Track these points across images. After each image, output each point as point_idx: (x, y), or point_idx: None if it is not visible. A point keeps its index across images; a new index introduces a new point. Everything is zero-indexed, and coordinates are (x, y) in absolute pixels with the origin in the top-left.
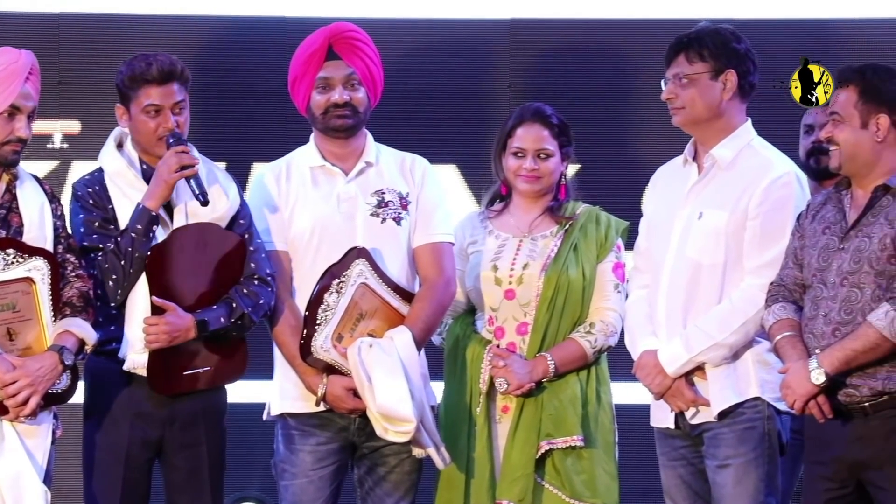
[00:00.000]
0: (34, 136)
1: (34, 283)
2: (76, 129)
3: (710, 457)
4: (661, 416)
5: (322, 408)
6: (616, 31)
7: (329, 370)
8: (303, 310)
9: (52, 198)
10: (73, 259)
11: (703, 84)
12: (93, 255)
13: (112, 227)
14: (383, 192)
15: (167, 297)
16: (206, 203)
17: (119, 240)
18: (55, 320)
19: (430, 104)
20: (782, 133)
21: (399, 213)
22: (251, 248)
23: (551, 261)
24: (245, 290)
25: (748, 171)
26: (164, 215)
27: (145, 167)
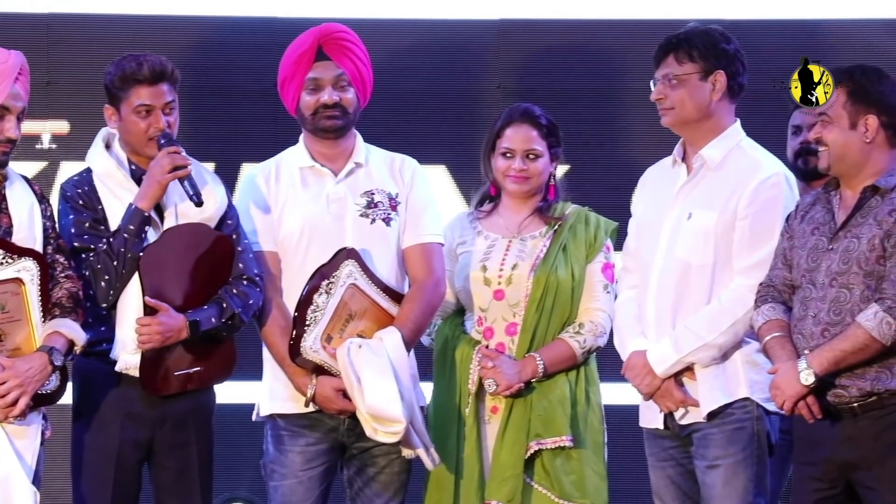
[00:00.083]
0: (23, 137)
1: (23, 284)
2: (65, 129)
3: (700, 457)
4: (651, 416)
5: (311, 409)
6: (605, 31)
7: (318, 371)
8: (292, 310)
9: (42, 198)
10: (62, 260)
11: (692, 85)
12: (84, 256)
13: (102, 228)
14: (373, 193)
15: (159, 298)
16: (200, 203)
17: (111, 240)
18: (44, 321)
19: (419, 105)
20: (770, 134)
21: (388, 214)
22: (239, 248)
23: (540, 261)
24: (235, 291)
25: (737, 171)
26: (153, 216)
27: (134, 167)
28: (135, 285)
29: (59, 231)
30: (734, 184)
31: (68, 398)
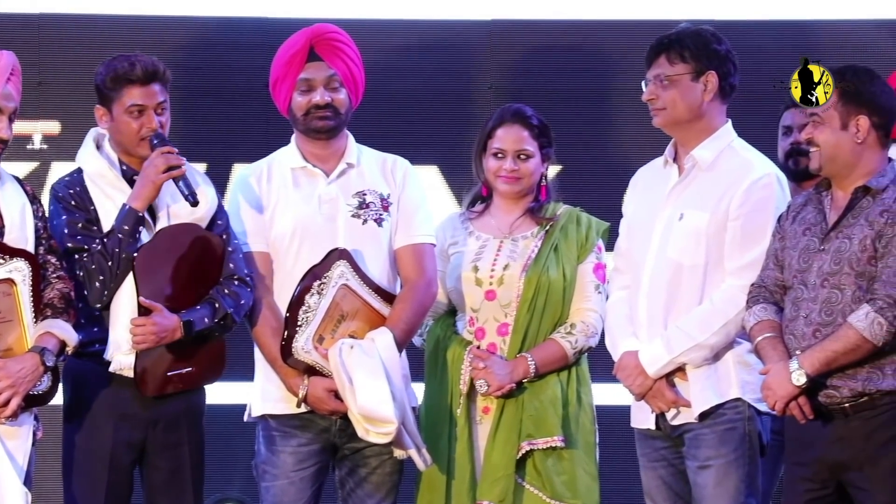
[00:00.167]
0: (14, 137)
1: (15, 285)
2: (56, 129)
3: (691, 458)
4: (642, 416)
5: (303, 409)
6: (597, 32)
7: (310, 371)
8: (284, 311)
9: (34, 199)
10: (53, 260)
11: (683, 85)
12: (77, 257)
13: (95, 229)
14: (364, 194)
15: (152, 298)
16: (196, 203)
17: (106, 241)
18: (36, 322)
19: (411, 105)
20: (764, 134)
21: (380, 215)
22: (229, 248)
23: (532, 262)
24: (226, 291)
25: (729, 172)
26: (146, 216)
27: (125, 168)
28: (128, 286)
29: (50, 232)
30: (726, 184)
31: (58, 399)
